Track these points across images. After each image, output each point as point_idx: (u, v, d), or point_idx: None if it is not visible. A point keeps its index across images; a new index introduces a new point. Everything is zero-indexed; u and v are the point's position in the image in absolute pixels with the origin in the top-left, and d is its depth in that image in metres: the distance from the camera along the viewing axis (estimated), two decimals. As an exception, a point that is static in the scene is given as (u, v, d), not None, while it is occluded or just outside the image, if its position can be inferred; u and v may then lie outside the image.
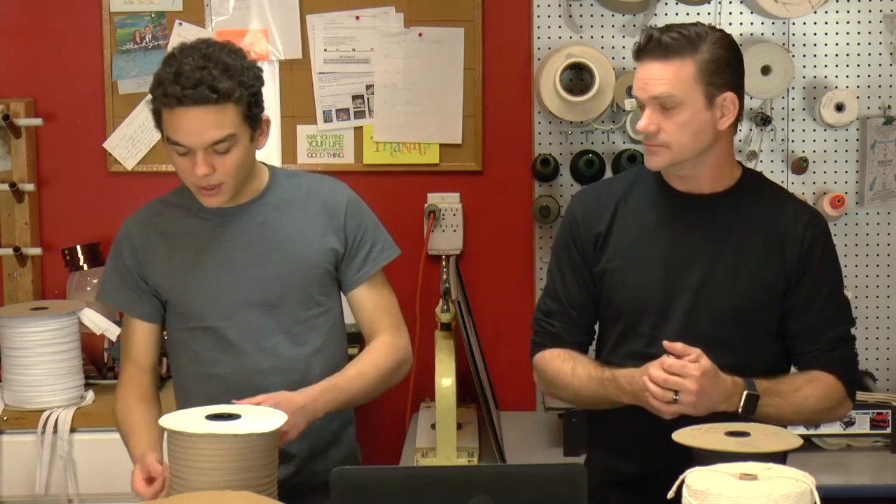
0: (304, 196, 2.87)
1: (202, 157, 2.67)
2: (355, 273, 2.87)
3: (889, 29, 3.79)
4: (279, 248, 2.82)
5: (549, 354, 2.84)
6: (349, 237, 2.86)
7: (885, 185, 3.82)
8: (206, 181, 2.70)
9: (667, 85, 2.65)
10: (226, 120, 2.67)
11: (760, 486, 2.01)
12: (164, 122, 2.70)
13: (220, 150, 2.68)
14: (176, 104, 2.64)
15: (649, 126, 2.67)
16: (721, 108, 2.69)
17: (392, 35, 3.81)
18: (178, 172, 2.75)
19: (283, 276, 2.81)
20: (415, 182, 3.86)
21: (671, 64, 2.65)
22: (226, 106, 2.66)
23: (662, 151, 2.69)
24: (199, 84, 2.64)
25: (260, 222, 2.83)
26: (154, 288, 2.84)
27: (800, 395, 2.68)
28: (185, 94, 2.63)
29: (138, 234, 2.85)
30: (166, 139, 2.71)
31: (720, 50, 2.69)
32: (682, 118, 2.66)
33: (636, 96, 2.71)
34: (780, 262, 2.73)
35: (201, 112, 2.64)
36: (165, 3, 3.84)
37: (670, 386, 2.54)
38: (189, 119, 2.65)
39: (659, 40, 2.66)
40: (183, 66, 2.66)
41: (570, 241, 2.85)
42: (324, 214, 2.86)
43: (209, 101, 2.64)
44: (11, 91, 3.87)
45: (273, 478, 2.44)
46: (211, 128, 2.66)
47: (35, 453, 3.41)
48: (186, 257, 2.82)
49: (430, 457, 3.35)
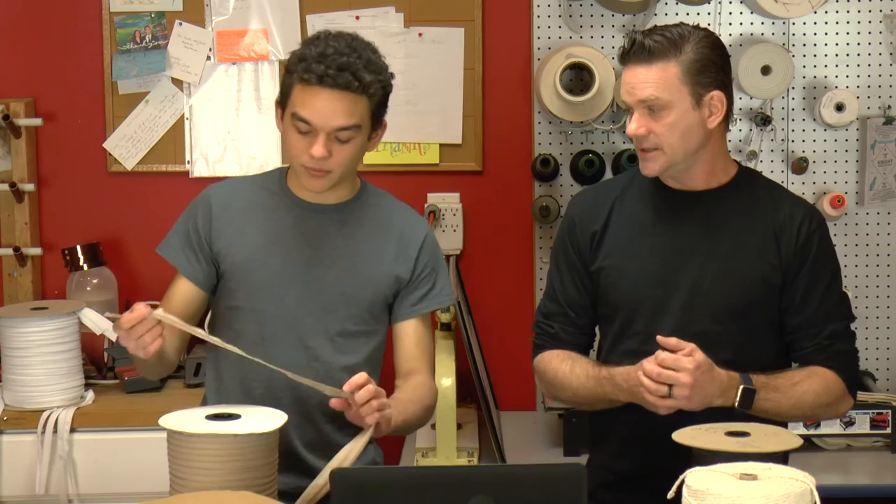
0: (386, 218, 2.90)
1: (323, 140, 2.72)
2: (410, 306, 2.89)
3: (889, 29, 3.79)
4: (348, 257, 2.84)
5: (548, 356, 2.85)
6: (416, 270, 2.88)
7: (885, 185, 3.82)
8: (319, 164, 2.73)
9: (652, 88, 2.66)
10: (356, 110, 2.72)
11: (760, 486, 2.01)
12: (295, 98, 2.74)
13: (342, 137, 2.73)
14: (316, 82, 2.69)
15: (638, 129, 2.69)
16: (709, 108, 2.70)
17: (392, 35, 3.81)
18: (290, 150, 2.78)
19: (343, 286, 2.83)
20: (415, 182, 3.86)
21: (655, 67, 2.66)
22: (360, 97, 2.72)
23: (656, 156, 2.70)
24: (344, 69, 2.69)
25: (338, 227, 2.86)
26: (216, 256, 2.84)
27: (798, 390, 2.68)
28: (328, 73, 2.69)
29: (219, 200, 2.86)
30: (291, 114, 2.74)
31: (704, 49, 2.69)
32: (671, 120, 2.67)
33: (624, 101, 2.73)
34: (776, 256, 2.74)
35: (337, 96, 2.70)
36: (165, 3, 3.84)
37: (664, 380, 2.54)
38: (323, 99, 2.70)
39: (642, 44, 2.67)
40: (328, 48, 2.71)
41: (568, 242, 2.85)
42: (399, 242, 2.88)
43: (349, 87, 2.69)
44: (11, 91, 3.86)
45: (273, 478, 2.44)
46: (341, 114, 2.71)
47: (35, 453, 3.41)
48: (258, 237, 2.83)
49: (430, 457, 3.35)
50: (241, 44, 3.84)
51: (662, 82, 2.66)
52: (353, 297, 2.84)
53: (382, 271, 2.86)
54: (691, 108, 2.68)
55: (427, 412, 2.87)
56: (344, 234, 2.86)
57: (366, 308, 2.86)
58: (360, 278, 2.85)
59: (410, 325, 2.89)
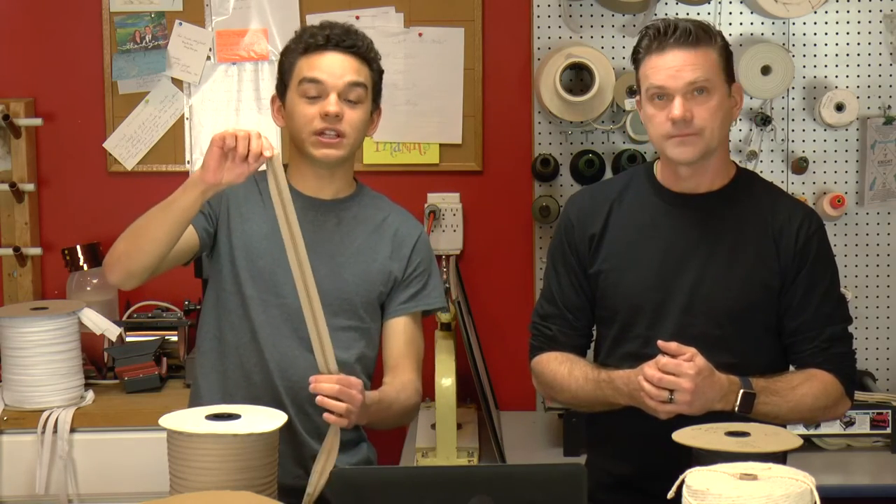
0: (381, 218, 2.95)
1: (335, 98, 2.80)
2: (400, 303, 2.93)
3: (889, 29, 3.79)
4: (343, 253, 2.89)
5: (546, 358, 2.85)
6: (409, 268, 2.94)
7: (885, 185, 3.82)
8: (333, 123, 2.80)
9: (701, 70, 2.66)
10: (363, 71, 2.86)
11: (760, 486, 2.01)
12: (300, 67, 2.84)
13: (352, 97, 2.82)
14: (322, 43, 2.83)
15: (686, 113, 2.66)
16: (735, 97, 2.73)
17: (392, 35, 3.81)
18: (300, 121, 2.84)
19: (338, 281, 2.87)
20: (415, 182, 3.86)
21: (699, 50, 2.67)
22: (364, 63, 2.86)
23: (696, 141, 2.68)
24: (347, 34, 2.85)
25: (335, 223, 2.90)
26: (217, 217, 2.89)
27: (797, 393, 2.68)
28: (332, 35, 2.83)
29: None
30: (298, 83, 2.82)
31: (726, 42, 2.74)
32: (714, 104, 2.68)
33: (663, 86, 2.67)
34: (775, 259, 2.74)
35: (344, 56, 2.84)
36: (165, 3, 3.84)
37: (665, 385, 2.54)
38: (331, 60, 2.83)
39: (686, 29, 2.66)
40: (326, 23, 2.88)
41: (566, 244, 2.85)
42: (394, 241, 2.93)
43: (355, 47, 2.84)
44: (11, 91, 3.86)
45: (273, 478, 2.44)
46: (350, 70, 2.83)
47: (35, 453, 3.41)
48: (262, 226, 2.87)
49: (430, 457, 3.35)
50: (241, 44, 3.84)
51: (708, 65, 2.67)
52: (347, 293, 2.88)
53: (376, 269, 2.90)
54: (727, 96, 2.71)
55: (409, 411, 2.92)
56: (340, 230, 2.90)
57: (359, 304, 2.89)
58: (355, 274, 2.88)
59: (400, 322, 2.93)
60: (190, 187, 2.64)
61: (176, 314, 3.80)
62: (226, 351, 2.89)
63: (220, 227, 2.89)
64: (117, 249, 2.75)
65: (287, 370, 2.83)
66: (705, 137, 2.68)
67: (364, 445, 3.03)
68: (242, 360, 2.88)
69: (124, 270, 2.74)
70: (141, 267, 2.72)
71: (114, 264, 2.76)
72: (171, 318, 3.78)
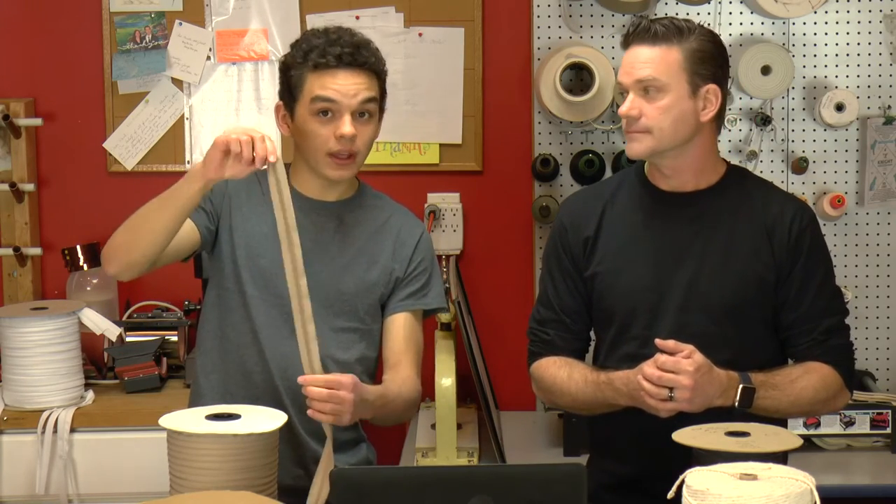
0: (383, 220, 2.95)
1: (349, 119, 2.79)
2: (400, 300, 2.94)
3: (889, 29, 3.79)
4: (345, 254, 2.89)
5: (545, 363, 2.85)
6: (410, 267, 2.94)
7: (885, 185, 3.82)
8: (347, 144, 2.79)
9: (651, 68, 2.67)
10: (374, 84, 2.86)
11: (760, 486, 2.01)
12: (311, 85, 2.82)
13: (366, 110, 2.82)
14: (334, 63, 2.80)
15: (631, 110, 2.70)
16: (704, 100, 2.70)
17: (392, 35, 3.81)
18: (314, 141, 2.83)
19: (339, 282, 2.87)
20: (415, 182, 3.86)
21: (658, 49, 2.68)
22: (374, 75, 2.86)
23: (643, 138, 2.71)
24: (358, 48, 2.82)
25: (337, 224, 2.90)
26: (218, 215, 2.89)
27: (796, 387, 2.68)
28: (345, 52, 2.80)
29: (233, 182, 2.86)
30: (311, 101, 2.81)
31: (707, 43, 2.71)
32: (665, 103, 2.68)
33: (621, 82, 2.74)
34: (769, 254, 2.74)
35: (355, 74, 2.82)
36: (165, 3, 3.84)
37: (665, 383, 2.54)
38: (343, 77, 2.81)
39: (648, 27, 2.68)
40: (332, 35, 2.83)
41: (560, 248, 2.85)
42: (396, 241, 2.94)
43: (366, 64, 2.82)
44: (11, 91, 3.86)
45: (273, 478, 2.44)
46: (363, 89, 2.81)
47: (35, 453, 3.41)
48: (263, 227, 2.87)
49: (430, 457, 3.35)
50: (241, 44, 3.84)
51: (663, 64, 2.67)
52: (349, 294, 2.88)
53: (378, 270, 2.90)
54: (687, 96, 2.69)
55: (411, 406, 2.93)
56: (342, 232, 2.90)
57: (360, 306, 2.90)
58: (356, 276, 2.88)
59: (399, 318, 2.93)
60: (190, 180, 2.65)
61: (176, 314, 3.80)
62: (228, 349, 2.90)
63: (222, 224, 2.89)
64: (116, 240, 2.76)
65: (287, 370, 2.83)
66: (654, 136, 2.69)
67: (363, 445, 3.03)
68: (243, 360, 2.88)
69: (122, 261, 2.76)
70: (139, 258, 2.73)
71: (112, 255, 2.77)
72: (171, 318, 3.78)
